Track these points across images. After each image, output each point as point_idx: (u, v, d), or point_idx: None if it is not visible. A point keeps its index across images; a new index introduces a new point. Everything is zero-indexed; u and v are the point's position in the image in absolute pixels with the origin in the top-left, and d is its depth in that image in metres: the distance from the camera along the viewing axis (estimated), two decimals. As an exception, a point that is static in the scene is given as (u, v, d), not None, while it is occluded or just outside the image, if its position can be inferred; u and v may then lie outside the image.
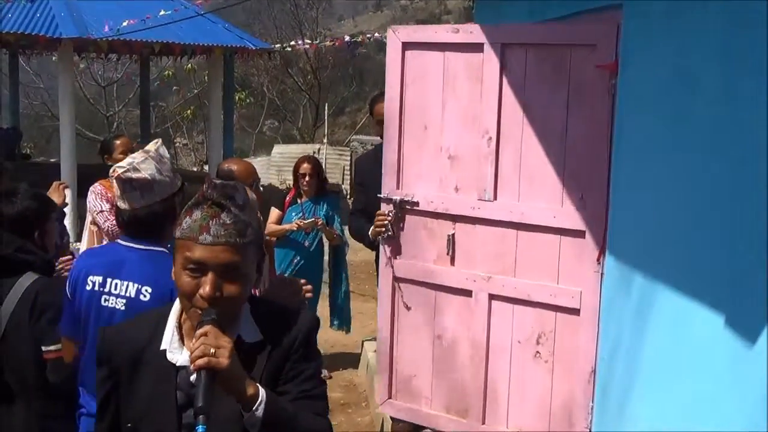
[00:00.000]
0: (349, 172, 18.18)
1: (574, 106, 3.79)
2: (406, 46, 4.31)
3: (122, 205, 2.83)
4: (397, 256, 4.47)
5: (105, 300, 2.78)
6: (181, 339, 1.96)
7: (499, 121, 4.03)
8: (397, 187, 4.41)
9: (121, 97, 27.41)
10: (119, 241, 2.93)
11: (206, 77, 18.79)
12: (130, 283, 2.75)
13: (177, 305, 1.99)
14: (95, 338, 2.77)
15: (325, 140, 20.78)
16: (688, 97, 3.05)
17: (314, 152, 19.45)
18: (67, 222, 4.54)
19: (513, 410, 4.14)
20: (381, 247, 4.55)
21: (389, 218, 4.38)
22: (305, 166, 6.44)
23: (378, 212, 4.48)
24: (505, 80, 4.00)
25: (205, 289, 1.84)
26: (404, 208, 4.38)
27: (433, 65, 4.25)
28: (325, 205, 6.51)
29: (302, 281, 3.51)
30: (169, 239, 2.81)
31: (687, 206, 3.06)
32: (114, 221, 4.61)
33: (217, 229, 1.85)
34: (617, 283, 3.60)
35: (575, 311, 3.85)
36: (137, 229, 2.83)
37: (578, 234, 3.80)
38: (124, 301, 2.75)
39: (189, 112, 25.90)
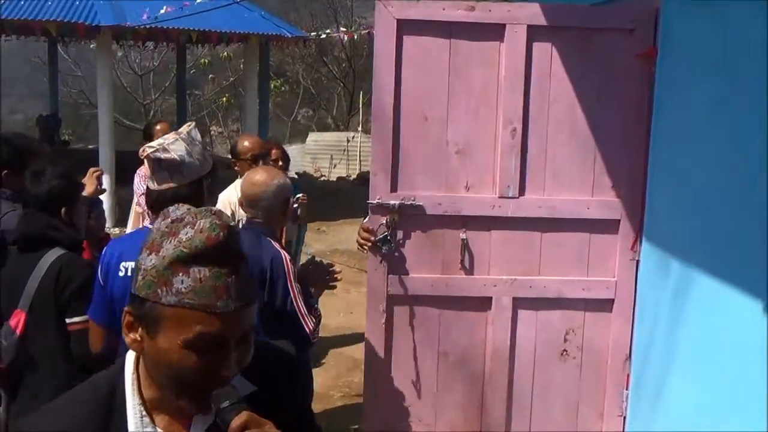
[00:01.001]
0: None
1: (607, 92, 3.68)
2: (403, 25, 3.62)
3: (152, 185, 2.83)
4: (393, 272, 3.77)
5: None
6: (150, 417, 1.45)
7: (525, 110, 3.67)
8: (393, 190, 3.71)
9: (157, 86, 27.67)
10: (148, 225, 2.96)
11: (242, 65, 18.87)
12: None
13: (128, 372, 1.46)
14: None
15: (359, 128, 20.81)
16: (728, 84, 3.01)
17: (348, 140, 19.49)
18: (106, 207, 4.57)
19: (537, 415, 3.91)
20: (369, 261, 3.79)
21: (376, 236, 3.69)
22: (275, 152, 6.07)
23: (363, 224, 3.76)
24: (532, 66, 3.66)
25: (229, 369, 1.40)
26: (403, 214, 3.70)
27: (438, 47, 3.64)
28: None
29: (331, 265, 3.53)
30: None
31: (725, 193, 3.02)
32: (140, 207, 4.68)
33: (240, 287, 1.38)
34: (653, 270, 3.57)
35: (609, 302, 3.81)
36: (162, 209, 2.84)
37: (612, 224, 3.74)
38: None
39: (224, 100, 26.07)
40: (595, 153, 3.72)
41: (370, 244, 3.70)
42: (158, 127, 5.48)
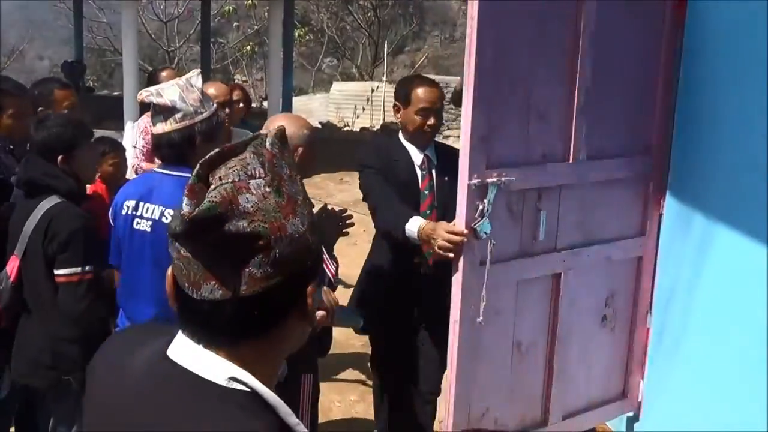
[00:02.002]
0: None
1: (642, 48, 3.61)
2: None
3: (152, 129, 2.93)
4: (483, 261, 3.20)
5: (137, 224, 2.86)
6: None
7: (594, 71, 3.39)
8: (489, 167, 3.18)
9: (182, 33, 27.58)
10: (155, 168, 3.04)
11: (266, 13, 18.74)
12: (156, 206, 2.83)
13: (267, 391, 1.21)
14: (128, 262, 2.90)
15: (383, 78, 20.68)
16: (758, 37, 2.95)
17: (373, 90, 19.40)
18: (128, 155, 4.58)
19: (581, 386, 3.69)
20: (462, 257, 3.17)
21: (463, 238, 3.10)
22: (237, 93, 5.63)
23: (449, 228, 3.14)
24: (598, 24, 3.37)
25: None
26: (499, 191, 3.20)
27: (518, 6, 3.24)
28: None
29: (344, 211, 3.51)
30: (190, 163, 2.83)
31: (748, 144, 3.00)
32: (137, 160, 4.69)
33: None
34: (676, 225, 3.56)
35: (640, 259, 3.78)
36: (159, 152, 2.92)
37: (643, 179, 3.67)
38: (150, 223, 2.83)
39: (249, 48, 25.96)
40: (638, 110, 3.63)
41: (455, 246, 3.11)
42: (164, 73, 5.36)
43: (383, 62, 23.56)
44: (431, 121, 3.79)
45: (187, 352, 1.19)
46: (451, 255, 3.13)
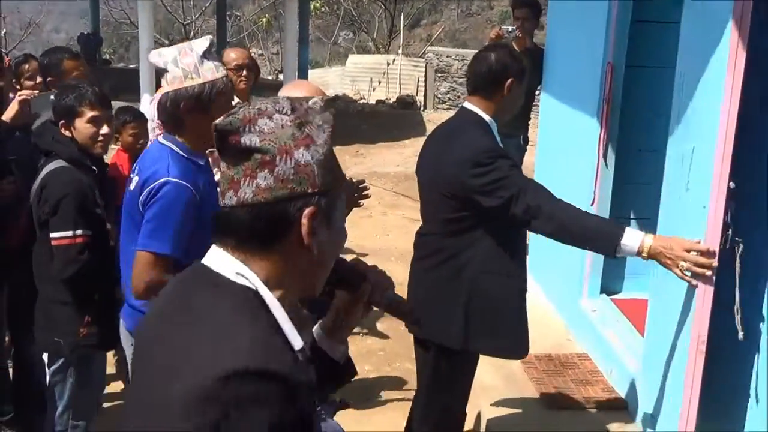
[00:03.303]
0: (423, 84, 18.03)
1: None
2: None
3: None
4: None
5: (129, 191, 2.90)
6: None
7: None
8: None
9: (198, 6, 27.51)
10: (160, 137, 3.07)
11: (282, -15, 18.66)
12: (134, 174, 2.88)
13: (265, 292, 1.38)
14: (123, 227, 2.94)
15: (400, 51, 20.59)
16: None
17: (389, 63, 19.32)
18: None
19: None
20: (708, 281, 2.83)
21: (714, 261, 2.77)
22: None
23: (690, 246, 2.81)
24: None
25: None
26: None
27: None
28: None
29: (362, 182, 3.48)
30: (186, 133, 2.83)
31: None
32: (153, 134, 4.72)
33: None
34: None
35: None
36: (159, 116, 2.94)
37: None
38: (129, 190, 2.89)
39: (264, 21, 25.88)
40: None
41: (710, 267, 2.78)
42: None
43: (399, 35, 23.42)
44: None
45: (211, 253, 1.43)
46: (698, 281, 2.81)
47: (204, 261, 1.43)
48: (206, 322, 1.32)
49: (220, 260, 1.40)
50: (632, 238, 2.87)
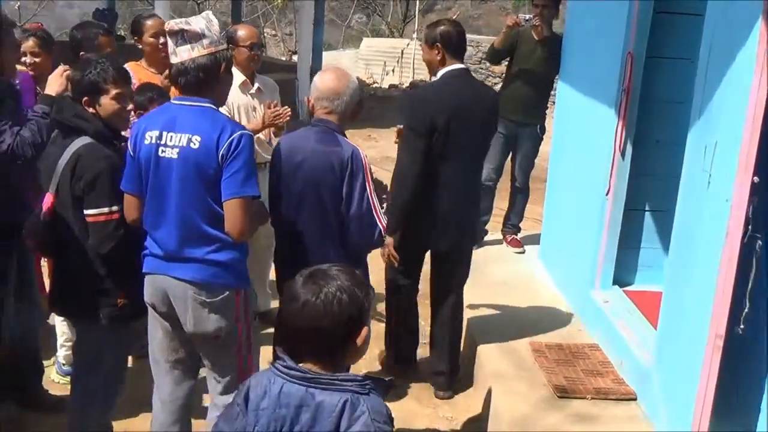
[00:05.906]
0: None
1: None
2: None
3: (174, 59, 3.06)
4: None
5: (162, 151, 3.02)
6: None
7: None
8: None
9: (212, -16, 27.40)
10: (172, 100, 3.21)
11: (298, -34, 18.56)
12: (183, 135, 3.00)
13: None
14: (154, 189, 3.05)
15: (414, 35, 20.50)
16: None
17: (403, 48, 19.25)
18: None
19: None
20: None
21: None
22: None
23: None
24: None
25: None
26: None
27: None
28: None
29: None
30: (215, 96, 3.12)
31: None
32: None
33: None
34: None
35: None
36: (186, 81, 3.06)
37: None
38: (178, 150, 2.99)
39: (279, 1, 25.77)
40: None
41: None
42: (149, 22, 4.76)
43: (414, 20, 23.31)
44: None
45: None
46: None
47: None
48: None
49: None
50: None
